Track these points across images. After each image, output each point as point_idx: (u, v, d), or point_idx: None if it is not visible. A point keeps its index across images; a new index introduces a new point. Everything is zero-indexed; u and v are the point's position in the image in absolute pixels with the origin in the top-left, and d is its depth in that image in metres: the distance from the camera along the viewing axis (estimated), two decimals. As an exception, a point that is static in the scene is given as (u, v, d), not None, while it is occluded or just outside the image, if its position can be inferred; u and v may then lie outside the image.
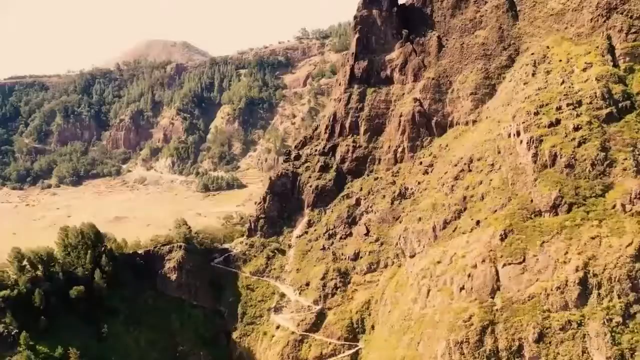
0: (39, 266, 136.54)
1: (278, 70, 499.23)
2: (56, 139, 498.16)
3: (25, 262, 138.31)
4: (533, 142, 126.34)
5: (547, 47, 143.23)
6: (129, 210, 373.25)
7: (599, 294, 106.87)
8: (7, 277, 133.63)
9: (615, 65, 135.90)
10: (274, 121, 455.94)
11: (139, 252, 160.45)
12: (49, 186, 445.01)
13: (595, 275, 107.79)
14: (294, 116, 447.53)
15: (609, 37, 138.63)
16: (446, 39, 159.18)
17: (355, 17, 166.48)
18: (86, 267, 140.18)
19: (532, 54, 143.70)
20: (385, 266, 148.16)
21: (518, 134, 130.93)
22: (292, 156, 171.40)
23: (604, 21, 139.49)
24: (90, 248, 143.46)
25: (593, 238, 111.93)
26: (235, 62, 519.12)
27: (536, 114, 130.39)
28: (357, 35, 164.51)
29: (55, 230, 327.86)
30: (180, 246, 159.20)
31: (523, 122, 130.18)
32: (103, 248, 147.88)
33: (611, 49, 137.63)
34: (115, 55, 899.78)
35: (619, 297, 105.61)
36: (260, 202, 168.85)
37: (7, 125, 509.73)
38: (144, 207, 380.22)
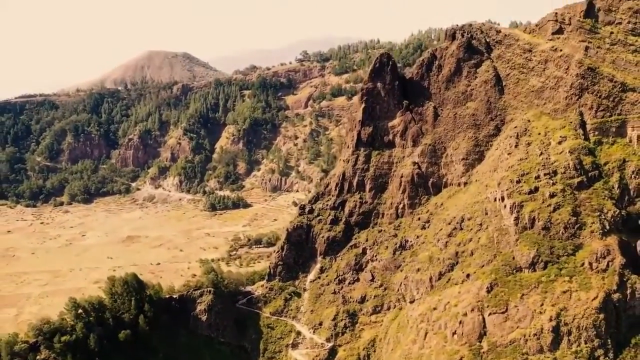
0: (92, 313, 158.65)
1: (280, 92, 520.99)
2: (67, 157, 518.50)
3: (80, 310, 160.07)
4: (515, 207, 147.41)
5: (528, 120, 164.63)
6: (140, 229, 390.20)
7: (569, 340, 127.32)
8: (66, 323, 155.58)
9: (586, 139, 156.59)
10: (277, 142, 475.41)
11: (174, 296, 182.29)
12: (61, 204, 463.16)
13: (566, 324, 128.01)
14: (296, 137, 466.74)
15: (581, 114, 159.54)
16: (441, 109, 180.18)
17: (362, 89, 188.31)
18: (131, 312, 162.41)
19: (515, 127, 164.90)
20: (389, 309, 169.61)
21: (502, 199, 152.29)
22: (307, 210, 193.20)
23: (577, 99, 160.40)
24: (134, 296, 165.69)
25: (565, 292, 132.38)
26: (239, 83, 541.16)
27: (518, 182, 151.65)
28: (363, 105, 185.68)
29: (70, 249, 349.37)
30: (210, 290, 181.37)
31: (507, 189, 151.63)
32: (145, 294, 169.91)
33: (583, 124, 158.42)
34: (118, 66, 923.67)
35: (586, 343, 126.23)
36: (278, 251, 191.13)
37: (19, 143, 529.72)
38: (154, 226, 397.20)
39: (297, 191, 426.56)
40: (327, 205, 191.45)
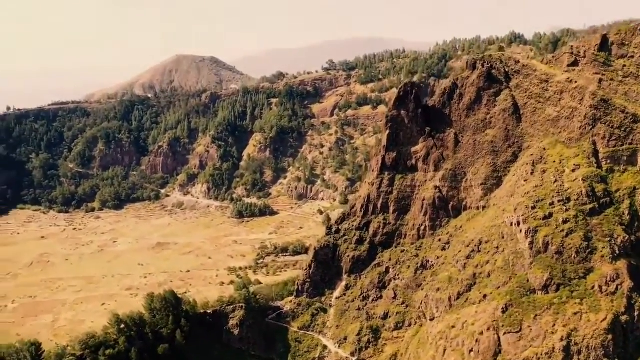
0: (133, 328, 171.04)
1: (307, 100, 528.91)
2: (98, 163, 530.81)
3: (122, 325, 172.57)
4: (530, 232, 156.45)
5: (544, 148, 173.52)
6: (169, 236, 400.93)
7: (579, 359, 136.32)
8: (110, 338, 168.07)
9: (599, 167, 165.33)
10: (303, 150, 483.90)
11: (209, 311, 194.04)
12: (93, 210, 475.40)
13: (576, 344, 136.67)
14: (322, 146, 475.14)
15: (594, 143, 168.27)
16: (461, 136, 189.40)
17: (387, 116, 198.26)
18: (169, 327, 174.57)
19: (532, 154, 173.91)
20: (410, 325, 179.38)
21: (518, 224, 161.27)
22: (333, 230, 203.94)
23: (591, 129, 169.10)
24: (171, 311, 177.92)
25: (575, 313, 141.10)
26: (266, 92, 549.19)
27: (533, 208, 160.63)
28: (388, 131, 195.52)
29: (102, 255, 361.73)
30: (242, 306, 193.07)
31: (522, 215, 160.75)
32: (181, 310, 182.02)
33: (596, 153, 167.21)
34: (146, 70, 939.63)
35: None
36: (306, 269, 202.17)
37: (52, 150, 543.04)
38: (183, 233, 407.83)
39: (323, 199, 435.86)
40: (352, 225, 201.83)
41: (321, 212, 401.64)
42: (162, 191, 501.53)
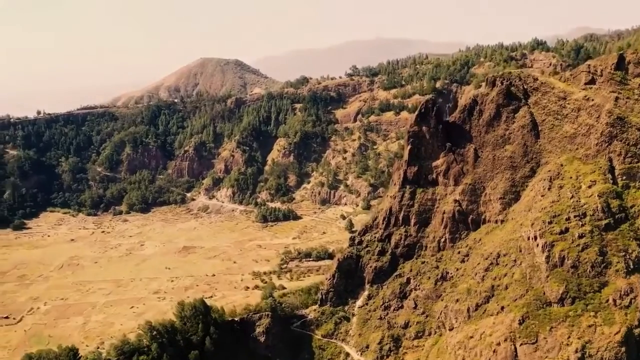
0: (165, 335, 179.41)
1: (330, 105, 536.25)
2: (126, 167, 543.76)
3: (155, 332, 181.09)
4: (547, 246, 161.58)
5: (561, 164, 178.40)
6: (195, 240, 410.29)
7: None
8: (143, 344, 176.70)
9: (615, 183, 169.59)
10: (326, 155, 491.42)
11: (236, 319, 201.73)
12: (120, 213, 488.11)
13: (590, 355, 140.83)
14: (345, 151, 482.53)
15: (610, 160, 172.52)
16: (481, 151, 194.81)
17: (408, 132, 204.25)
18: (198, 334, 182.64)
19: (549, 170, 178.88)
20: (430, 334, 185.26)
21: (535, 238, 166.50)
22: (356, 242, 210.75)
23: (607, 146, 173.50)
24: (201, 319, 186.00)
25: (590, 326, 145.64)
26: (290, 97, 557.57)
27: (550, 222, 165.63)
28: (409, 146, 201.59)
29: (130, 258, 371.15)
30: (268, 314, 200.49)
31: (539, 229, 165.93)
32: (210, 318, 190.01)
33: (612, 169, 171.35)
34: (171, 73, 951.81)
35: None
36: (330, 278, 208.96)
37: (81, 154, 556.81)
38: (209, 237, 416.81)
39: (346, 204, 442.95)
40: (375, 237, 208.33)
41: (344, 217, 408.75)
42: (188, 195, 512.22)
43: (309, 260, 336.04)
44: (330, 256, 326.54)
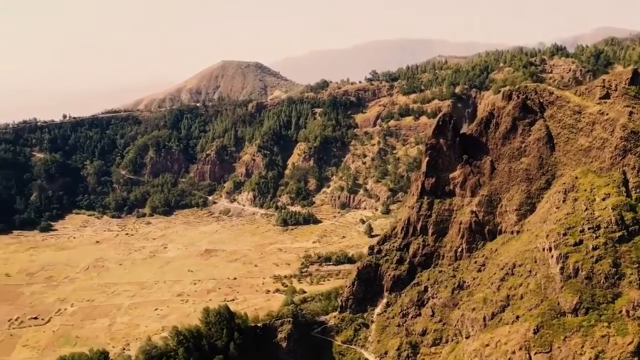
0: (191, 340, 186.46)
1: (350, 110, 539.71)
2: (149, 170, 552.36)
3: (181, 337, 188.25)
4: (561, 258, 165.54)
5: (576, 177, 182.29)
6: (217, 243, 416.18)
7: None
8: (170, 348, 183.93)
9: (628, 196, 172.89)
10: (346, 159, 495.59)
11: (259, 325, 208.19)
12: (143, 215, 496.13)
13: None
14: (365, 155, 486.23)
15: (624, 173, 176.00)
16: (497, 163, 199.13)
17: (426, 144, 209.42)
18: (223, 339, 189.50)
19: (564, 183, 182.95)
20: (447, 342, 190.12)
21: (550, 249, 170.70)
22: (375, 250, 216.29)
23: (621, 159, 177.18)
24: (225, 325, 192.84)
25: (603, 336, 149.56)
26: (310, 101, 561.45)
27: (564, 234, 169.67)
28: (427, 158, 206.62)
29: (154, 261, 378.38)
30: (289, 320, 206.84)
31: (554, 241, 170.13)
32: (234, 323, 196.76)
33: (626, 182, 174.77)
34: (193, 75, 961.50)
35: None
36: (349, 286, 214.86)
37: (105, 157, 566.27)
38: (230, 240, 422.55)
39: (365, 209, 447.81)
40: (393, 246, 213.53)
41: (363, 222, 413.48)
42: (210, 198, 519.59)
43: (329, 265, 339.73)
44: (350, 260, 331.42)
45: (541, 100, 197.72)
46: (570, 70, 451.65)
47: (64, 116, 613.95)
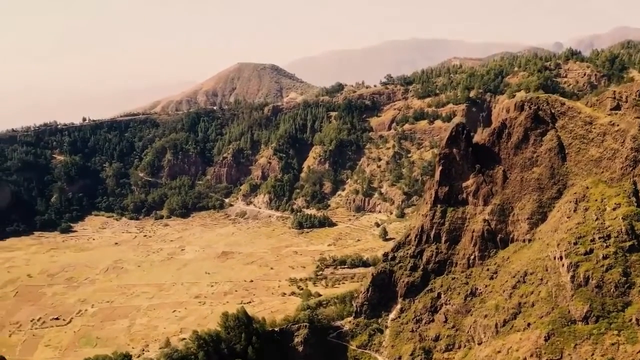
0: (211, 344, 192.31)
1: (365, 114, 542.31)
2: (166, 173, 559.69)
3: (201, 341, 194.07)
4: (572, 266, 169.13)
5: (587, 187, 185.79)
6: (233, 245, 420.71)
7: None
8: (190, 352, 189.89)
9: (639, 206, 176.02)
10: (361, 163, 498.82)
11: (276, 329, 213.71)
12: (161, 217, 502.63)
13: None
14: (380, 159, 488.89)
15: (634, 183, 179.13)
16: (509, 173, 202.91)
17: (439, 154, 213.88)
18: (241, 343, 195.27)
19: (575, 192, 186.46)
20: (459, 347, 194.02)
21: (561, 258, 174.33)
22: (389, 257, 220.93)
23: (631, 170, 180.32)
24: (244, 329, 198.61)
25: (613, 344, 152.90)
26: (326, 105, 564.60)
27: (575, 243, 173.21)
28: (440, 168, 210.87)
29: (171, 263, 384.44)
30: (305, 325, 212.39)
31: (565, 250, 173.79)
32: (252, 328, 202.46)
33: (636, 193, 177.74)
34: (209, 78, 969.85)
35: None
36: (364, 292, 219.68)
37: (124, 159, 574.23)
38: (246, 242, 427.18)
39: (380, 212, 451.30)
40: (407, 253, 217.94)
41: (378, 225, 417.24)
42: (226, 200, 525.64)
43: (344, 268, 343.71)
44: (365, 264, 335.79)
45: (553, 111, 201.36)
46: (585, 74, 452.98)
47: (84, 119, 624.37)
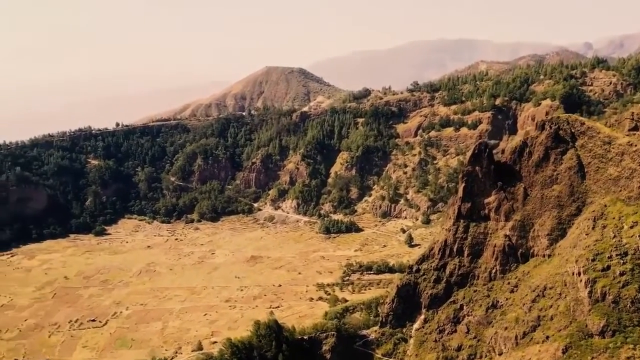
0: (243, 351, 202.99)
1: (391, 120, 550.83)
2: (197, 178, 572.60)
3: (234, 348, 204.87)
4: (589, 282, 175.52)
5: (605, 205, 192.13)
6: (262, 249, 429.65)
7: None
8: (225, 358, 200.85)
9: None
10: (387, 169, 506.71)
11: (305, 337, 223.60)
12: (192, 221, 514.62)
13: None
14: (406, 165, 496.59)
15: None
16: (530, 190, 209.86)
17: (462, 172, 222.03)
18: (272, 351, 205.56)
19: (594, 210, 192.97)
20: (481, 357, 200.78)
21: (579, 274, 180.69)
22: (414, 270, 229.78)
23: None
24: (274, 337, 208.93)
25: (628, 358, 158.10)
26: (353, 111, 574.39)
27: (593, 260, 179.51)
28: (463, 185, 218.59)
29: (202, 266, 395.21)
30: (333, 334, 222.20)
31: (583, 266, 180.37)
32: (282, 336, 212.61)
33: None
34: (237, 81, 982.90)
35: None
36: (389, 303, 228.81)
37: (156, 164, 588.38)
38: (275, 247, 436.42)
39: (405, 218, 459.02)
40: (431, 266, 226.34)
41: (404, 231, 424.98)
42: (255, 205, 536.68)
43: (370, 274, 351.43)
44: (391, 270, 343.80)
45: (573, 131, 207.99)
46: (611, 83, 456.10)
47: (117, 124, 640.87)
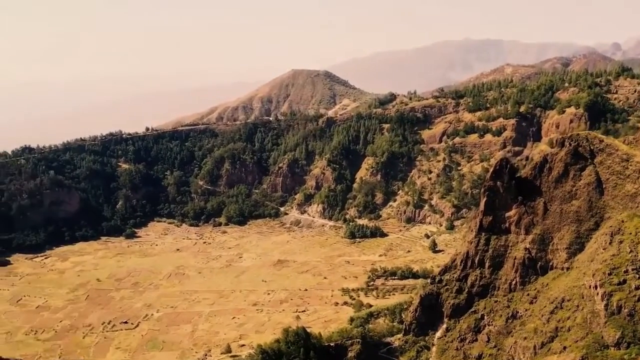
0: (273, 357, 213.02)
1: (416, 126, 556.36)
2: (225, 182, 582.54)
3: (264, 355, 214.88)
4: (606, 295, 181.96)
5: (622, 220, 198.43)
6: (288, 253, 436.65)
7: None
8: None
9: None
10: (412, 174, 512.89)
11: (331, 344, 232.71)
12: (219, 224, 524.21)
13: None
14: (430, 171, 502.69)
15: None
16: (550, 205, 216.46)
17: (484, 186, 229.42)
18: (300, 357, 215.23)
19: (611, 226, 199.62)
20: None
21: (596, 287, 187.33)
22: (437, 280, 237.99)
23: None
24: (302, 344, 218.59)
25: None
26: (378, 117, 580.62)
27: (609, 274, 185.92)
28: (485, 199, 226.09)
29: (230, 270, 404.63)
30: (358, 341, 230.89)
31: (600, 280, 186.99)
32: (310, 342, 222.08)
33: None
34: (264, 84, 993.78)
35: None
36: (413, 312, 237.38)
37: (184, 168, 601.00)
38: (301, 251, 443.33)
39: (430, 224, 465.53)
40: (453, 277, 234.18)
41: (428, 237, 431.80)
42: (281, 209, 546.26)
43: (394, 279, 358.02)
44: (415, 276, 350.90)
45: (592, 148, 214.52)
46: (635, 91, 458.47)
47: (147, 129, 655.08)
